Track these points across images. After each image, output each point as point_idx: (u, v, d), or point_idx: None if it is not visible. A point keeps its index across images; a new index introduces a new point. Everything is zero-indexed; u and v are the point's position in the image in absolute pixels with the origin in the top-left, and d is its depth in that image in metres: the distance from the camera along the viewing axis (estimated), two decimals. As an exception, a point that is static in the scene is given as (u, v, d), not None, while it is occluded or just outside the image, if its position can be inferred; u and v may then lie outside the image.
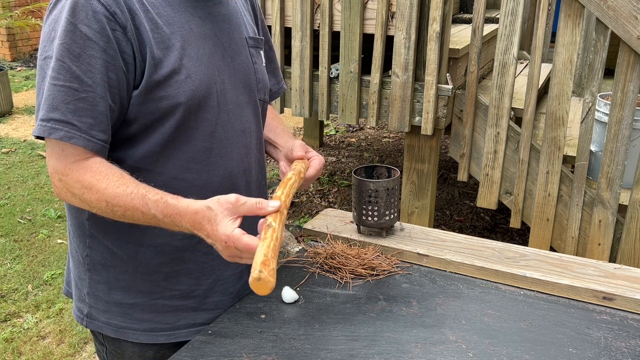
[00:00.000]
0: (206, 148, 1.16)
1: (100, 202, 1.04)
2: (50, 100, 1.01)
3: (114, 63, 1.03)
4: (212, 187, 1.18)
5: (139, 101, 1.07)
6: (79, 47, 1.00)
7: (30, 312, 2.92)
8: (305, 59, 3.06)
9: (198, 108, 1.12)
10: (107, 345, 1.27)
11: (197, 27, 1.13)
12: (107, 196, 1.03)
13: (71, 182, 1.05)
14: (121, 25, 1.02)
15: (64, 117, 1.01)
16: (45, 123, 1.01)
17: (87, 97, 1.02)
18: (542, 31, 2.56)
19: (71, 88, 1.01)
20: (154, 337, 1.23)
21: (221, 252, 1.00)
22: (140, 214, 1.03)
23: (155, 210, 1.02)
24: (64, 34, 1.00)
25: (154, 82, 1.06)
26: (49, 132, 1.01)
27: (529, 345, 1.13)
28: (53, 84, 1.01)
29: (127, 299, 1.21)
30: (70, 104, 1.01)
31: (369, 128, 5.92)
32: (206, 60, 1.13)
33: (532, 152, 2.71)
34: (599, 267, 1.38)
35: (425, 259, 1.43)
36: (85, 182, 1.04)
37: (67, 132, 1.01)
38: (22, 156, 4.98)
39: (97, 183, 1.04)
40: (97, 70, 1.02)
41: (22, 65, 8.07)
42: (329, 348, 1.11)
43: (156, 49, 1.06)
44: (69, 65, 1.00)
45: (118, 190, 1.03)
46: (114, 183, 1.04)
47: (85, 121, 1.02)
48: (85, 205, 1.07)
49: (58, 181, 1.06)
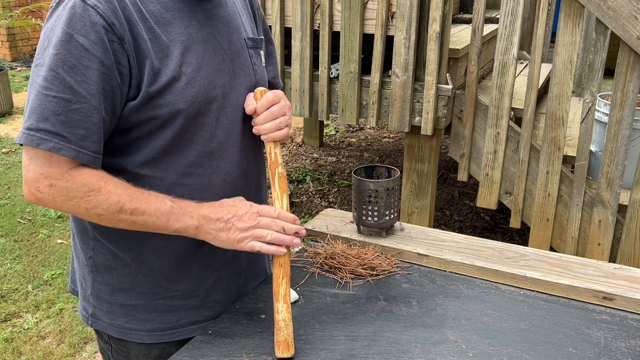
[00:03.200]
0: (207, 152, 1.16)
1: (108, 203, 1.04)
2: (40, 111, 0.99)
3: (110, 74, 1.02)
4: (214, 190, 1.19)
5: (138, 110, 1.06)
6: (74, 57, 0.99)
7: (30, 312, 2.92)
8: (305, 59, 3.06)
9: (198, 113, 1.12)
10: (113, 344, 1.27)
11: (196, 32, 1.12)
12: (120, 196, 1.04)
13: (74, 187, 1.03)
14: (119, 36, 1.01)
15: (54, 129, 0.99)
16: (34, 133, 0.99)
17: (80, 109, 1.00)
18: (542, 31, 2.56)
19: (63, 99, 0.99)
20: (157, 336, 1.23)
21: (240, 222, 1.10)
22: (153, 210, 1.06)
23: (172, 203, 1.08)
24: (59, 44, 0.99)
25: (153, 92, 1.06)
26: (37, 142, 0.99)
27: (529, 345, 1.13)
28: (45, 94, 0.99)
29: (129, 301, 1.21)
30: (61, 115, 0.99)
31: (369, 128, 5.92)
32: (206, 65, 1.13)
33: (532, 152, 2.71)
34: (599, 267, 1.38)
35: (425, 259, 1.43)
36: (94, 185, 1.04)
37: (57, 143, 1.00)
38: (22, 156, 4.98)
39: (105, 184, 1.04)
40: (93, 82, 1.00)
41: (22, 65, 8.07)
42: (329, 348, 1.11)
43: (155, 59, 1.05)
44: (63, 76, 0.99)
45: (130, 190, 1.06)
46: (124, 185, 1.06)
47: (76, 133, 1.01)
48: (83, 208, 1.05)
49: (47, 186, 1.04)
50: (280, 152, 1.22)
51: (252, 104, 1.20)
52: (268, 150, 1.22)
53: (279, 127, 1.21)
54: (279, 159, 1.21)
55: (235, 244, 1.10)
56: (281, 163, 1.21)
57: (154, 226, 1.08)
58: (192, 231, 1.10)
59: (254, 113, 1.21)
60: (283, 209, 1.15)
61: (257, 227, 1.10)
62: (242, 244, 1.10)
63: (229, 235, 1.09)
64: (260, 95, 1.21)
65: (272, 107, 1.21)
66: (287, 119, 1.23)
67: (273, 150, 1.21)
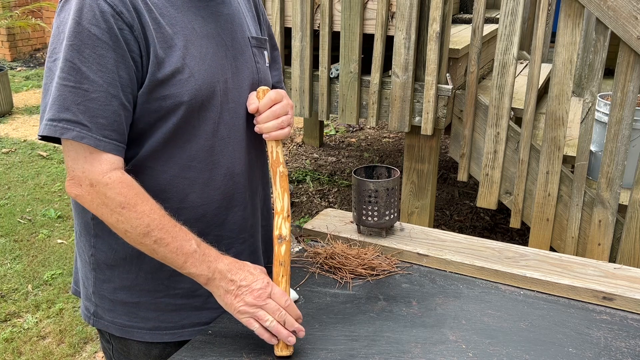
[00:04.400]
0: (208, 146, 1.16)
1: (139, 222, 1.04)
2: (60, 101, 1.01)
3: (124, 62, 1.03)
4: (215, 185, 1.19)
5: (143, 100, 1.08)
6: (88, 47, 1.00)
7: (30, 312, 2.92)
8: (305, 59, 3.06)
9: (201, 107, 1.13)
10: (114, 343, 1.28)
11: (199, 26, 1.13)
12: (152, 220, 1.05)
13: (111, 193, 1.03)
14: (128, 24, 1.03)
15: (75, 118, 1.01)
16: (57, 123, 1.01)
17: (98, 97, 1.02)
18: (542, 31, 2.56)
19: (81, 89, 1.01)
20: (158, 335, 1.23)
21: (249, 295, 1.08)
22: (176, 247, 1.06)
23: (197, 246, 1.08)
24: (72, 35, 1.00)
25: (157, 82, 1.06)
26: (60, 132, 1.01)
27: (529, 345, 1.13)
28: (63, 84, 1.01)
29: (131, 298, 1.22)
30: (81, 104, 1.01)
31: (369, 128, 5.92)
32: (209, 59, 1.13)
33: (532, 152, 2.71)
34: (599, 267, 1.38)
35: (425, 259, 1.43)
36: (130, 200, 1.04)
37: (79, 132, 1.01)
38: (22, 156, 4.98)
39: (141, 203, 1.05)
40: (108, 70, 1.02)
41: (22, 65, 8.07)
42: (329, 348, 1.11)
43: (159, 48, 1.06)
44: (79, 66, 1.00)
45: (164, 220, 1.06)
46: (159, 210, 1.07)
47: (97, 122, 1.02)
48: (114, 217, 1.05)
49: (88, 186, 1.04)
50: (282, 151, 1.23)
51: (255, 102, 1.21)
52: (270, 149, 1.22)
53: (281, 126, 1.21)
54: (281, 157, 1.21)
55: (235, 312, 1.08)
56: (283, 162, 1.21)
57: (170, 261, 1.08)
58: (204, 280, 1.09)
59: (257, 112, 1.21)
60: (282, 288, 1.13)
61: (263, 309, 1.07)
62: (241, 316, 1.08)
63: (233, 301, 1.08)
64: (262, 94, 1.21)
65: (275, 106, 1.21)
66: (289, 118, 1.23)
67: (275, 149, 1.21)
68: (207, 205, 1.20)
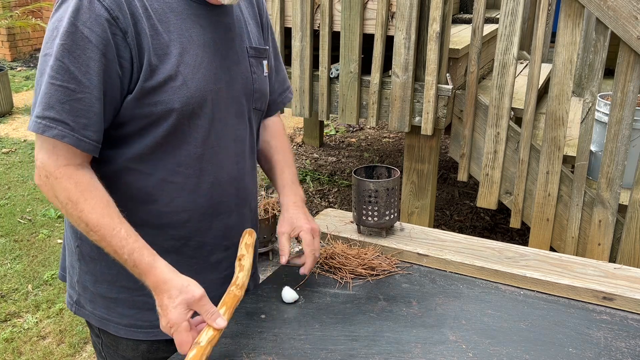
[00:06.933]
0: (198, 154, 1.17)
1: (80, 220, 1.06)
2: (46, 99, 1.03)
3: (111, 67, 1.05)
4: (201, 192, 1.20)
5: (133, 105, 1.09)
6: (79, 48, 1.02)
7: (30, 312, 2.92)
8: (305, 59, 3.06)
9: (192, 115, 1.13)
10: (103, 337, 1.30)
11: (197, 35, 1.14)
12: (89, 220, 1.05)
13: (58, 188, 1.06)
14: (122, 30, 1.04)
15: (59, 116, 1.03)
16: (41, 120, 1.03)
17: (83, 98, 1.04)
18: (542, 31, 2.56)
19: (68, 88, 1.02)
20: (133, 332, 1.25)
21: (161, 322, 1.05)
22: (112, 251, 1.06)
23: (127, 256, 1.06)
24: (65, 34, 1.02)
25: (149, 88, 1.08)
26: (42, 129, 1.03)
27: (529, 345, 1.13)
28: (51, 82, 1.02)
29: (111, 293, 1.24)
30: (66, 103, 1.03)
31: (369, 128, 5.92)
32: (203, 68, 1.14)
33: (532, 152, 2.71)
34: (599, 267, 1.38)
35: (425, 259, 1.43)
36: (72, 196, 1.05)
37: (61, 130, 1.03)
38: (22, 156, 4.98)
39: (83, 201, 1.05)
40: (95, 73, 1.03)
41: (22, 65, 8.07)
42: (329, 348, 1.11)
43: (153, 55, 1.07)
44: (68, 66, 1.02)
45: (102, 221, 1.05)
46: (100, 210, 1.06)
47: (79, 121, 1.04)
48: (63, 210, 1.08)
49: (44, 177, 1.07)
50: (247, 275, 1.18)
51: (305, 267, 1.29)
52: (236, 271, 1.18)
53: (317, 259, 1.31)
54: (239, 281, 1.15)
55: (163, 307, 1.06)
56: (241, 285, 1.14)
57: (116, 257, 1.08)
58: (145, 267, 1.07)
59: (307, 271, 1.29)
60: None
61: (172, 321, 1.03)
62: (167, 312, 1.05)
63: (160, 317, 1.05)
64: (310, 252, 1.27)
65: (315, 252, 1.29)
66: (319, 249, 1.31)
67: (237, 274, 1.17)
68: (192, 211, 1.20)
